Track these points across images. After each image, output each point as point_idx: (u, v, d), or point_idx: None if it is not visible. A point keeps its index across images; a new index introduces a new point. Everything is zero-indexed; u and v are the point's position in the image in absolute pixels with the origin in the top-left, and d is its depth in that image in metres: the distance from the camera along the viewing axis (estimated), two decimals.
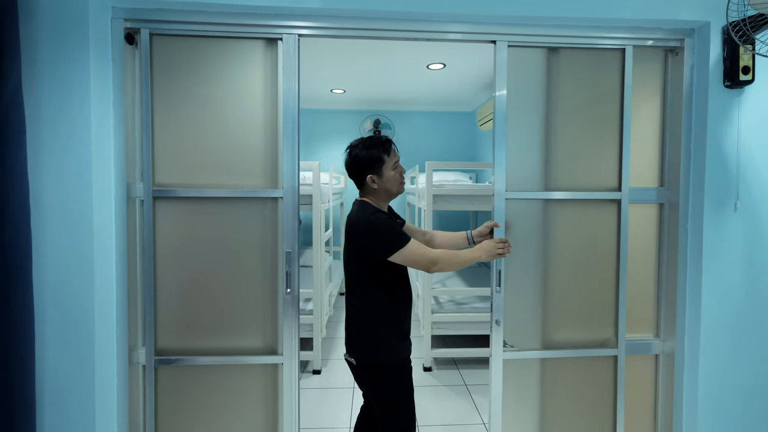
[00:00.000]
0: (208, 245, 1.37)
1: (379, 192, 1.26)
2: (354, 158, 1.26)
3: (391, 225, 1.20)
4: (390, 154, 1.26)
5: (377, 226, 1.18)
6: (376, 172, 1.24)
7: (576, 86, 1.45)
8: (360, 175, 1.26)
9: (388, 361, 1.22)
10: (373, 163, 1.24)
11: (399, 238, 1.17)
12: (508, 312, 1.43)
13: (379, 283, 1.22)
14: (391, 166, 1.25)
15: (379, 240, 1.17)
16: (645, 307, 1.52)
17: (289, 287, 1.37)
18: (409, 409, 1.28)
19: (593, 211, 1.46)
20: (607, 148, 1.46)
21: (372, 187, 1.25)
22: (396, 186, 1.27)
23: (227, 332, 1.39)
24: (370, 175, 1.24)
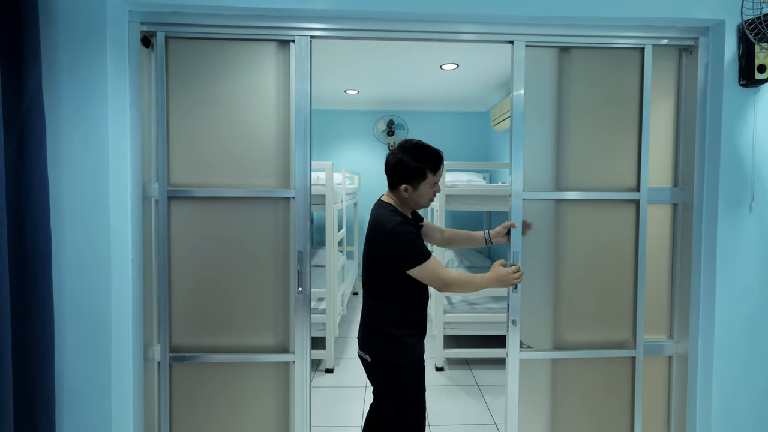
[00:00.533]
0: (221, 244, 1.39)
1: (406, 201, 1.24)
2: (398, 162, 1.21)
3: (414, 239, 1.18)
4: (435, 174, 1.22)
5: (401, 240, 1.17)
6: (413, 185, 1.21)
7: (592, 86, 1.44)
8: (396, 179, 1.23)
9: (404, 361, 1.24)
10: (413, 176, 1.20)
11: (419, 255, 1.16)
12: (524, 312, 1.43)
13: (398, 285, 1.22)
14: (430, 184, 1.23)
15: (400, 254, 1.17)
16: (658, 308, 1.51)
17: (301, 286, 1.38)
18: (421, 407, 1.29)
19: (610, 212, 1.45)
20: (624, 148, 1.45)
21: (402, 195, 1.23)
22: (425, 202, 1.25)
23: (240, 330, 1.41)
24: (405, 185, 1.21)
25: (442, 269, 1.17)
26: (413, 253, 1.16)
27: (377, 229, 1.21)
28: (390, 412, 1.28)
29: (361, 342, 1.29)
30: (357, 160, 4.52)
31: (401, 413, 1.26)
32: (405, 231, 1.17)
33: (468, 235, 1.46)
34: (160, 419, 1.40)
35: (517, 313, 1.41)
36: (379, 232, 1.20)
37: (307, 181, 1.39)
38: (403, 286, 1.22)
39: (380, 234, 1.19)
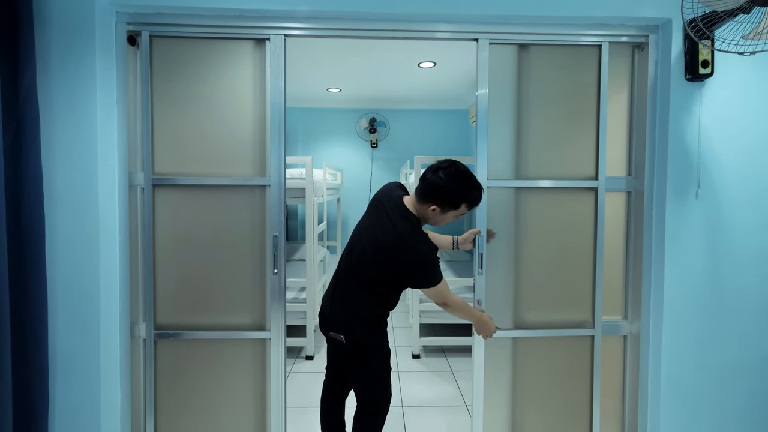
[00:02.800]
0: (202, 229, 1.50)
1: (427, 219, 1.25)
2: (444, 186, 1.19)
3: (437, 266, 1.22)
4: (469, 208, 1.25)
5: (428, 267, 1.20)
6: (443, 209, 1.21)
7: (553, 81, 1.53)
8: (432, 197, 1.21)
9: (375, 341, 1.34)
10: (449, 202, 1.21)
11: (437, 279, 1.22)
12: (490, 293, 1.52)
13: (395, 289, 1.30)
14: (456, 214, 1.25)
15: (423, 277, 1.21)
16: (614, 291, 1.60)
17: (276, 268, 1.48)
18: (388, 383, 1.40)
19: (570, 199, 1.55)
20: (583, 139, 1.54)
21: (426, 213, 1.23)
22: (441, 224, 1.28)
23: (220, 309, 1.51)
24: (435, 207, 1.21)
25: (448, 291, 1.26)
26: (433, 279, 1.22)
27: (404, 248, 1.19)
28: (360, 386, 1.36)
29: (333, 324, 1.32)
30: (340, 157, 4.64)
31: (371, 389, 1.36)
32: (432, 259, 1.21)
33: (437, 237, 1.52)
34: (145, 392, 1.50)
35: (482, 293, 1.50)
36: (408, 252, 1.19)
37: (282, 170, 1.49)
38: (395, 290, 1.30)
39: (409, 255, 1.19)
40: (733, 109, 1.44)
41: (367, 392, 1.36)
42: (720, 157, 1.44)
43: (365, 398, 1.37)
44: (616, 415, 1.61)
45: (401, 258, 1.19)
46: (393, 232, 1.21)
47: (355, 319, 1.29)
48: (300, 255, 3.74)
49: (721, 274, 1.46)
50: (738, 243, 1.46)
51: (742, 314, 1.47)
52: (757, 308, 1.47)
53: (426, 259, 1.20)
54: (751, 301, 1.47)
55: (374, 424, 1.39)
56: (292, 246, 4.16)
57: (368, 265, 1.25)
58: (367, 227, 1.30)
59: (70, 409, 1.37)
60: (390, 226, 1.22)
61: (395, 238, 1.20)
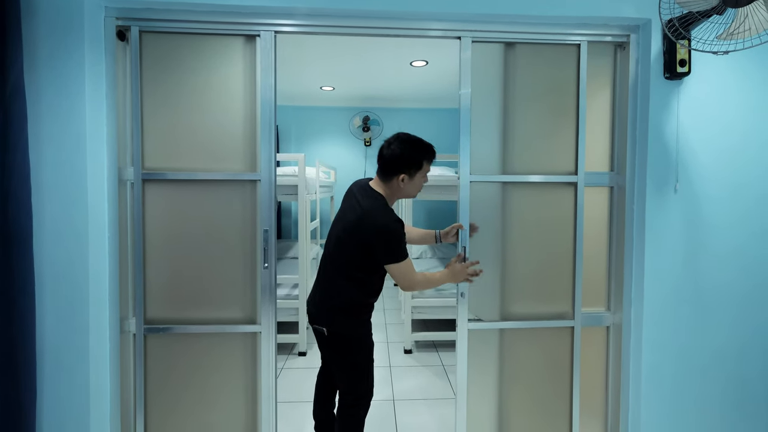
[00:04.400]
0: (193, 224, 1.51)
1: (399, 192, 1.32)
2: (401, 153, 1.28)
3: (402, 239, 1.27)
4: (430, 164, 1.33)
5: (393, 238, 1.24)
6: (410, 174, 1.29)
7: (535, 79, 1.57)
8: (395, 169, 1.29)
9: (357, 333, 1.37)
10: (412, 165, 1.29)
11: (402, 254, 1.26)
12: (474, 287, 1.55)
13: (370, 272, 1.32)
14: (423, 174, 1.33)
15: (388, 249, 1.25)
16: (598, 283, 1.65)
17: (267, 262, 1.50)
18: (370, 374, 1.42)
19: (552, 194, 1.59)
20: (565, 136, 1.58)
21: (397, 185, 1.30)
22: (415, 192, 1.36)
23: (210, 304, 1.52)
24: (403, 175, 1.29)
25: (412, 271, 1.29)
26: (398, 253, 1.26)
27: (370, 219, 1.25)
28: (341, 381, 1.39)
29: (316, 316, 1.37)
30: (334, 155, 4.66)
31: (352, 381, 1.37)
32: (398, 230, 1.26)
33: (420, 232, 1.58)
34: (135, 386, 1.50)
35: (465, 286, 1.54)
36: (373, 223, 1.24)
37: (272, 166, 1.50)
38: (373, 274, 1.34)
39: (373, 225, 1.24)
40: (710, 106, 1.49)
41: (349, 384, 1.38)
42: (697, 153, 1.50)
43: (346, 390, 1.39)
44: (600, 404, 1.66)
45: (368, 229, 1.24)
46: (360, 210, 1.29)
47: (336, 310, 1.32)
48: (293, 253, 3.75)
49: (700, 266, 1.51)
50: (715, 237, 1.51)
51: (720, 305, 1.52)
52: (736, 300, 1.53)
53: (391, 228, 1.24)
54: (730, 293, 1.52)
55: (355, 417, 1.40)
56: (286, 244, 4.17)
57: (343, 249, 1.31)
58: (341, 216, 1.38)
59: (59, 403, 1.37)
60: (357, 207, 1.31)
61: (362, 213, 1.27)
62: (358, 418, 1.41)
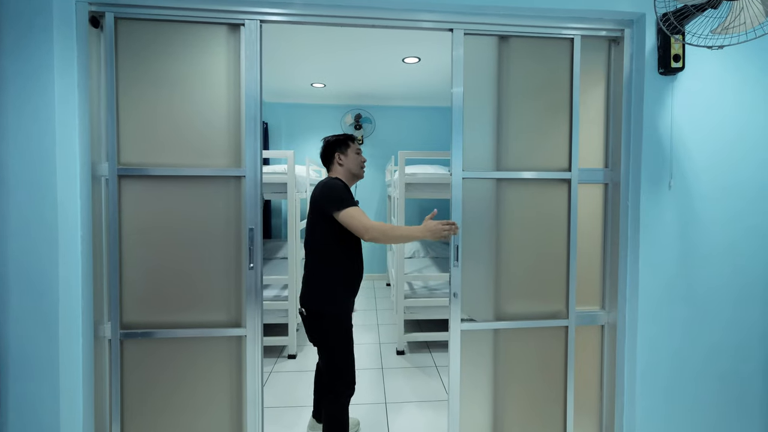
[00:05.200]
0: (173, 222, 1.43)
1: (343, 171, 1.52)
2: (326, 142, 1.57)
3: (343, 190, 1.41)
4: (354, 143, 1.57)
5: (331, 188, 1.41)
6: (342, 151, 1.54)
7: (528, 74, 1.54)
8: (330, 153, 1.54)
9: (333, 311, 1.42)
10: (340, 144, 1.55)
11: (346, 201, 1.38)
12: (466, 286, 1.51)
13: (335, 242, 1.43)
14: (355, 150, 1.55)
15: (330, 198, 1.39)
16: (592, 281, 1.62)
17: (252, 263, 1.43)
18: (349, 352, 1.44)
19: (545, 191, 1.56)
20: (558, 132, 1.55)
21: (338, 164, 1.53)
22: (357, 168, 1.55)
23: (193, 307, 1.44)
24: (338, 153, 1.53)
25: (363, 216, 1.37)
26: (341, 199, 1.38)
27: (316, 187, 1.46)
28: (323, 359, 1.45)
29: (301, 299, 1.49)
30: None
31: (332, 366, 1.42)
32: (337, 183, 1.43)
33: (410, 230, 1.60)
34: (111, 395, 1.42)
35: (458, 286, 1.49)
36: (317, 186, 1.45)
37: (258, 161, 1.43)
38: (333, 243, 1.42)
39: (317, 187, 1.45)
40: (704, 102, 1.48)
41: (329, 369, 1.43)
42: (691, 150, 1.48)
43: (329, 376, 1.43)
44: (594, 403, 1.64)
45: (315, 192, 1.44)
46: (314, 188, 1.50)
47: (312, 288, 1.44)
48: (283, 253, 3.67)
49: (694, 263, 1.50)
50: (710, 234, 1.50)
51: (715, 303, 1.51)
52: (730, 298, 1.52)
53: (331, 183, 1.43)
54: (724, 291, 1.51)
55: (336, 404, 1.43)
56: (276, 244, 4.08)
57: (308, 226, 1.48)
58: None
59: (26, 415, 1.28)
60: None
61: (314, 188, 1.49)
62: (339, 406, 1.43)
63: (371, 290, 4.31)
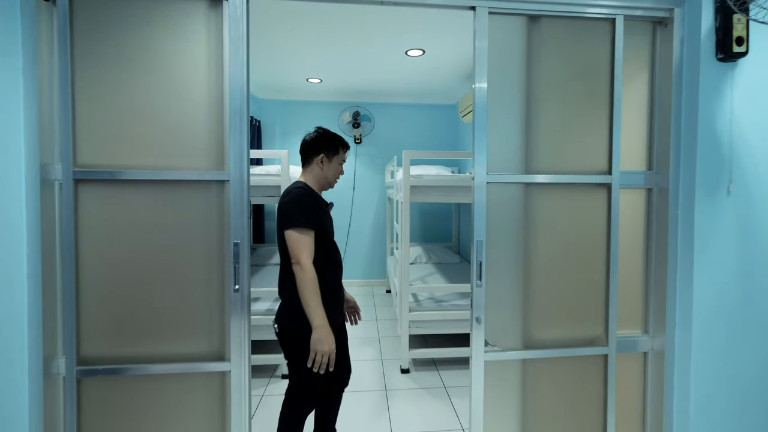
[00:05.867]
0: (142, 236, 1.19)
1: (319, 176, 1.37)
2: (322, 134, 1.38)
3: (308, 207, 1.25)
4: (344, 152, 1.40)
5: (294, 201, 1.26)
6: (328, 156, 1.37)
7: (561, 60, 1.32)
8: (316, 149, 1.36)
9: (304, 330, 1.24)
10: (330, 147, 1.37)
11: (299, 221, 1.23)
12: (489, 308, 1.29)
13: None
14: (340, 160, 1.40)
15: (287, 211, 1.25)
16: (632, 301, 1.41)
17: (238, 284, 1.20)
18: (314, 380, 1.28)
19: (581, 197, 1.34)
20: (596, 128, 1.34)
21: (317, 167, 1.36)
22: (332, 178, 1.40)
23: (166, 337, 1.21)
24: (323, 155, 1.36)
25: (307, 250, 1.22)
26: (294, 215, 1.23)
27: (284, 193, 1.31)
28: (290, 376, 1.33)
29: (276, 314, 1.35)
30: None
31: (295, 378, 1.30)
32: (303, 196, 1.27)
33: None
34: None
35: (482, 309, 1.27)
36: (285, 193, 1.30)
37: (244, 162, 1.20)
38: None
39: (285, 194, 1.30)
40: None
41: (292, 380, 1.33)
42: (753, 148, 1.27)
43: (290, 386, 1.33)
44: None
45: (281, 199, 1.30)
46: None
47: (285, 304, 1.31)
48: (276, 259, 3.43)
49: (758, 280, 1.29)
50: None
51: None
52: None
53: (293, 193, 1.27)
54: None
55: (289, 415, 1.32)
56: (270, 249, 3.84)
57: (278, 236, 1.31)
58: None
59: None
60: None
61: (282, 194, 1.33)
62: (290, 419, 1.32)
63: (370, 297, 4.08)
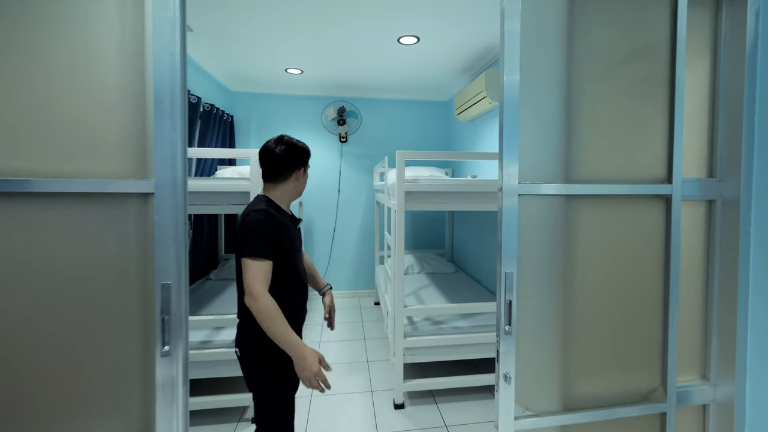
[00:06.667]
0: (19, 276, 0.80)
1: (293, 190, 1.29)
2: (295, 146, 1.27)
3: (268, 235, 1.15)
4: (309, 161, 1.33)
5: (255, 226, 1.15)
6: (305, 169, 1.31)
7: (608, 40, 1.02)
8: (293, 163, 1.27)
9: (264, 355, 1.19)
10: (305, 158, 1.30)
11: (262, 250, 1.13)
12: (520, 360, 0.98)
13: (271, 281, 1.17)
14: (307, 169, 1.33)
15: (244, 239, 1.14)
16: (688, 340, 1.13)
17: (168, 344, 0.83)
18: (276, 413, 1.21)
19: (632, 212, 1.04)
20: (649, 125, 1.05)
21: (294, 181, 1.28)
22: (303, 189, 1.34)
23: (55, 419, 0.82)
24: (303, 168, 1.29)
25: (261, 281, 1.11)
26: (254, 245, 1.13)
27: (245, 210, 1.21)
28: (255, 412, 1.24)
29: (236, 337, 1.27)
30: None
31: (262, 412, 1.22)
32: (260, 221, 1.16)
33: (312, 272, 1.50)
34: None
35: (511, 364, 0.95)
36: (246, 211, 1.20)
37: (180, 166, 0.83)
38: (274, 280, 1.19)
39: (242, 215, 1.20)
40: None
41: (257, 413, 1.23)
42: None
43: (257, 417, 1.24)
44: None
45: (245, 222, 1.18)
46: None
47: (244, 328, 1.24)
48: None
49: None
50: None
51: None
52: None
53: (253, 218, 1.16)
54: None
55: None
56: None
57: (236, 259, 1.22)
58: None
59: None
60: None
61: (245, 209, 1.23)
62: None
63: (357, 311, 3.72)
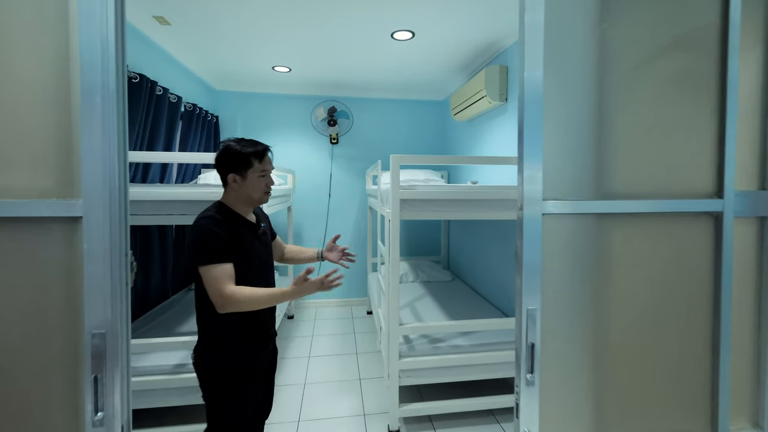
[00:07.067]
0: None
1: (239, 194, 1.23)
2: (224, 152, 1.21)
3: (212, 242, 1.11)
4: (261, 162, 1.23)
5: (200, 235, 1.12)
6: (240, 173, 1.21)
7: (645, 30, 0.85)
8: (223, 169, 1.22)
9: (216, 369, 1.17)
10: (239, 164, 1.21)
11: (209, 255, 1.10)
12: (544, 415, 0.80)
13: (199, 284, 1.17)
14: (258, 173, 1.23)
15: (194, 249, 1.11)
16: (738, 383, 0.97)
17: (101, 409, 0.63)
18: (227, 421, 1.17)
19: (675, 232, 0.88)
20: (696, 130, 0.88)
21: (233, 186, 1.22)
22: (258, 194, 1.25)
23: None
24: (232, 174, 1.21)
25: (224, 283, 1.09)
26: (203, 254, 1.10)
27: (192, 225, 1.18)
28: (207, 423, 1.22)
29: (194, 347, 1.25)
30: (290, 154, 3.74)
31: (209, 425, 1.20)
32: (207, 225, 1.13)
33: (300, 250, 1.52)
34: None
35: (535, 420, 0.78)
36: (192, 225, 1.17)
37: (117, 180, 0.64)
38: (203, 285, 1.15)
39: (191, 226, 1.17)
40: None
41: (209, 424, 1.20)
42: None
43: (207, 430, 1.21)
44: None
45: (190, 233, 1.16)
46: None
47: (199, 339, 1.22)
48: None
49: None
50: None
51: None
52: None
53: (200, 224, 1.13)
54: None
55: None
56: None
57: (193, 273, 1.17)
58: None
59: None
60: None
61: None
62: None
63: (349, 321, 3.53)
